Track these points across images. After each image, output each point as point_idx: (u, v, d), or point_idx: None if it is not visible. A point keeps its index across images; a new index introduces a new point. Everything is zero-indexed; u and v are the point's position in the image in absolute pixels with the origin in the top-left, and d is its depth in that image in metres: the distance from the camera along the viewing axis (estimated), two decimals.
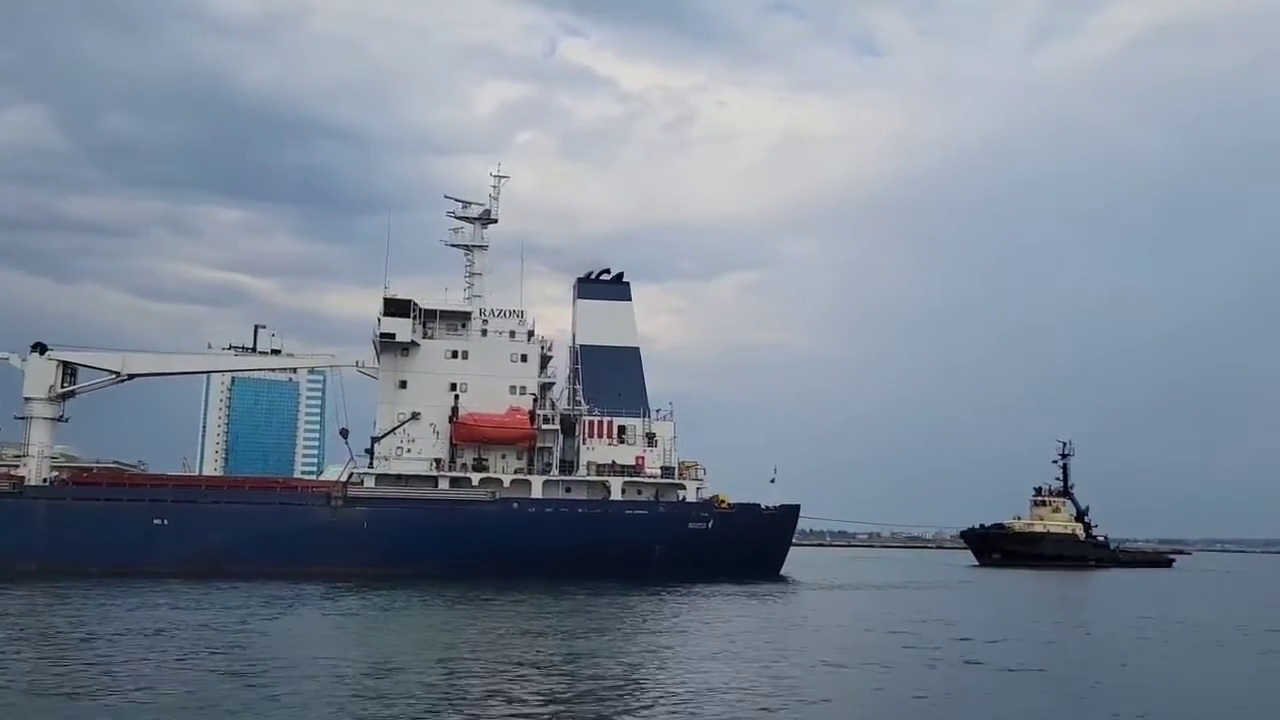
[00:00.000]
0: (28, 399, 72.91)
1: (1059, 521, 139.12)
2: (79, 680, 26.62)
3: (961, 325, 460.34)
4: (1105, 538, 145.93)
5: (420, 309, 78.56)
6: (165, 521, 69.86)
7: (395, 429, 76.33)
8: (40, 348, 73.42)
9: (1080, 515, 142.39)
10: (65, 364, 74.30)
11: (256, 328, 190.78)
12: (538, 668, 30.25)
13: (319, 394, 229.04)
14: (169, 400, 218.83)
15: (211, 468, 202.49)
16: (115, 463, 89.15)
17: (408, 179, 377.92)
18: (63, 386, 73.96)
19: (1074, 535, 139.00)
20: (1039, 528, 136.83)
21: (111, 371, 75.51)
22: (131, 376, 76.17)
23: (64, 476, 73.98)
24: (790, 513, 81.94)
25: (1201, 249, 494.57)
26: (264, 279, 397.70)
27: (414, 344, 77.70)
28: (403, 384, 77.67)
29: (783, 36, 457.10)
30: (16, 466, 73.80)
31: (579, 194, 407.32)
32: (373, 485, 75.07)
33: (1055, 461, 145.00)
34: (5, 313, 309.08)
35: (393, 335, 76.69)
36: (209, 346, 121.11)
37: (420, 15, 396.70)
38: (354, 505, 72.84)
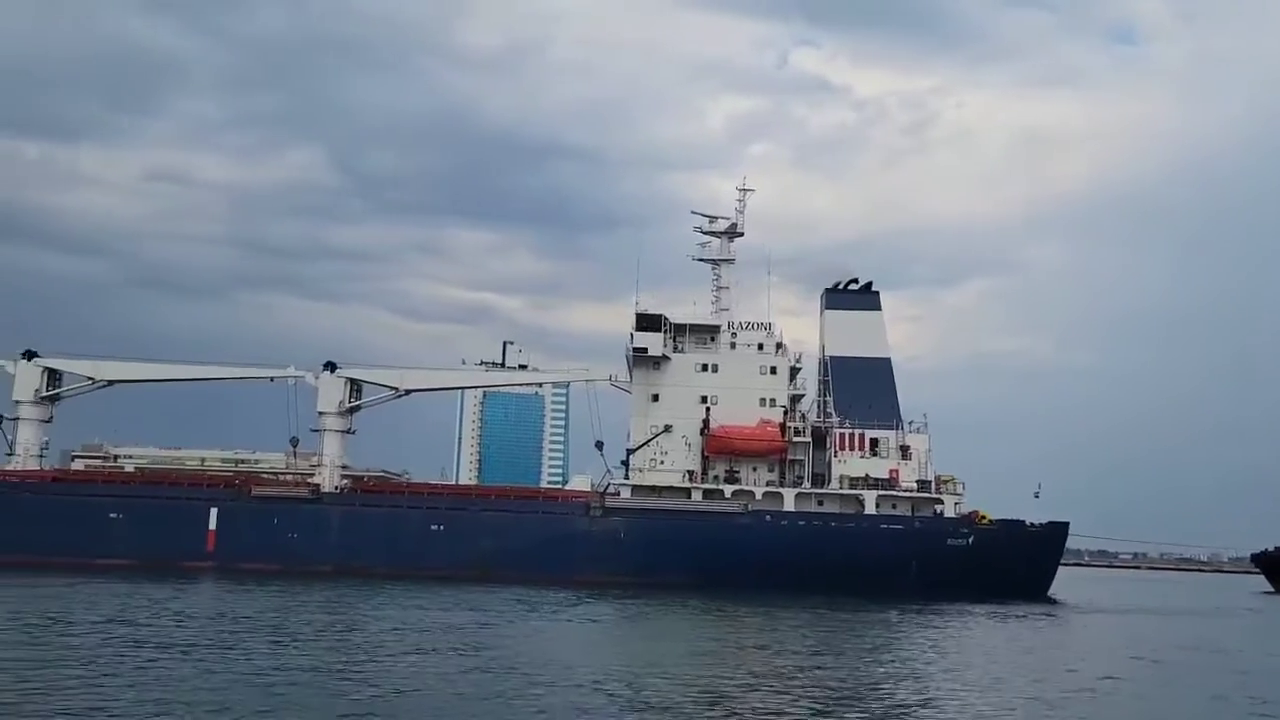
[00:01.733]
0: (321, 413, 79.90)
1: None
2: (355, 676, 28.88)
3: (1232, 326, 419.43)
4: None
5: (670, 323, 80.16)
6: (441, 528, 74.67)
7: (649, 441, 78.14)
8: (331, 366, 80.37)
9: None
10: (352, 381, 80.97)
11: (505, 344, 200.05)
12: (788, 682, 29.84)
13: (563, 407, 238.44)
14: (426, 413, 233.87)
15: (467, 477, 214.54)
16: (384, 472, 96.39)
17: (643, 196, 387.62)
18: (350, 401, 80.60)
19: None
20: None
21: (391, 387, 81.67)
22: (408, 392, 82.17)
23: (353, 485, 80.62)
24: (1058, 531, 77.50)
25: None
26: (510, 297, 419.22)
27: (665, 358, 79.37)
28: (655, 397, 79.44)
29: (1027, 31, 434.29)
30: (312, 475, 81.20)
31: (812, 204, 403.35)
32: (628, 496, 77.14)
33: None
34: (290, 334, 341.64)
35: (645, 349, 78.62)
36: (462, 362, 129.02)
37: (653, 35, 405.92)
38: (611, 515, 75.16)
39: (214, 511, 74.50)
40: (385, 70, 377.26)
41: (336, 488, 78.80)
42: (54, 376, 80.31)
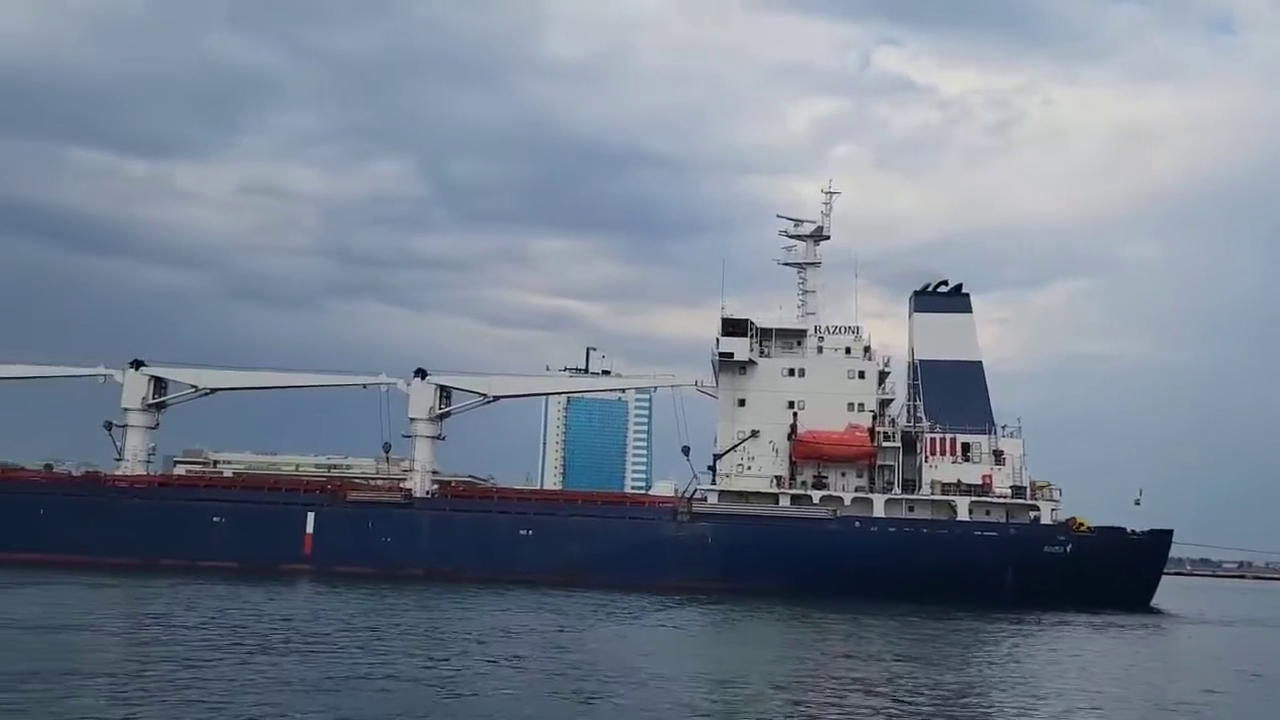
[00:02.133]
0: (412, 419, 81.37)
1: None
2: (439, 679, 29.24)
3: None
4: None
5: (757, 328, 79.72)
6: (530, 533, 75.42)
7: (735, 446, 77.78)
8: (421, 373, 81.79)
9: None
10: (442, 387, 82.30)
11: (588, 350, 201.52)
12: (875, 692, 29.31)
13: (646, 412, 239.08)
14: (511, 419, 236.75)
15: (551, 482, 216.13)
16: (470, 477, 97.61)
17: (726, 200, 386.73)
18: (440, 408, 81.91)
19: None
20: None
21: (480, 394, 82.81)
22: (497, 398, 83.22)
23: (443, 490, 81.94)
24: (1161, 539, 74.91)
25: None
26: (592, 303, 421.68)
27: (751, 362, 78.95)
28: (741, 402, 79.03)
29: (1121, 26, 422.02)
30: (404, 480, 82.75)
31: (895, 205, 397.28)
32: (715, 502, 76.88)
33: None
34: (377, 342, 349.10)
35: (731, 354, 78.32)
36: (546, 369, 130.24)
37: (734, 40, 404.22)
38: (698, 521, 75.02)
39: (311, 516, 76.42)
40: (470, 82, 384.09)
41: (428, 493, 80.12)
42: (160, 385, 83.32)
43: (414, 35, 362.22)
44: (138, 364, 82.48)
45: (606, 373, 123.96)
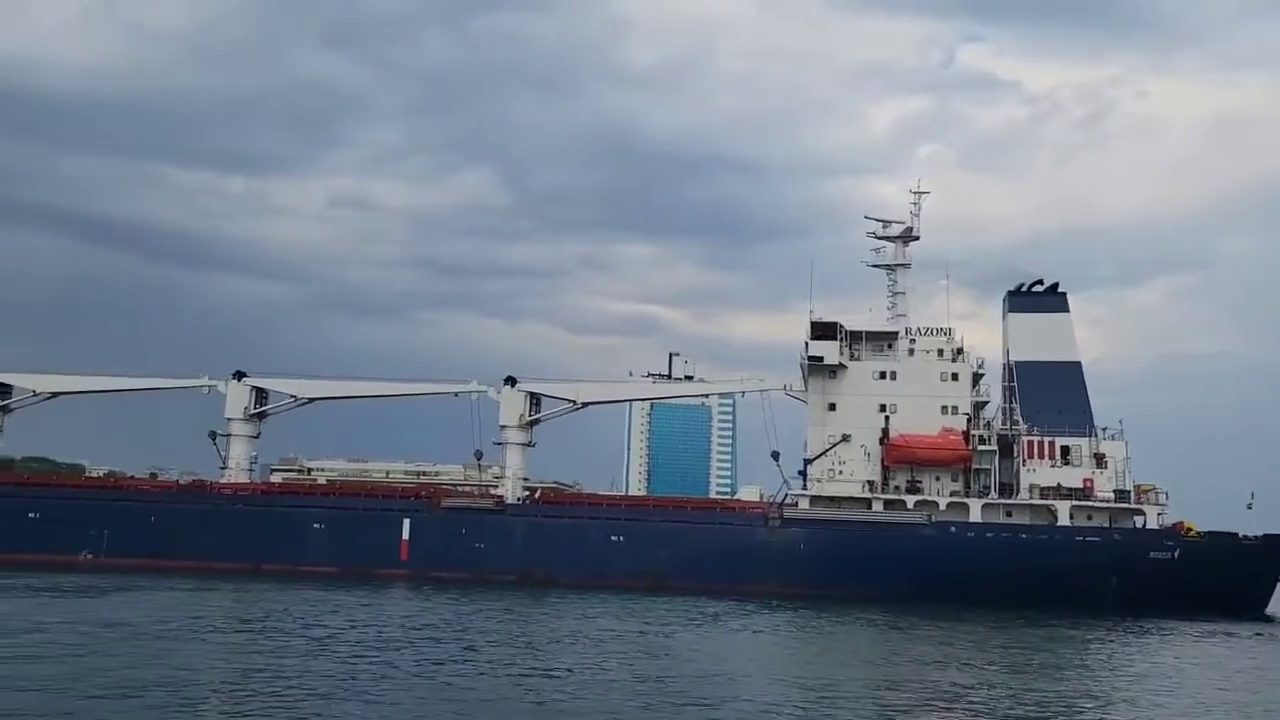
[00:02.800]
0: (503, 426, 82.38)
1: None
2: (532, 683, 29.49)
3: None
4: None
5: (846, 331, 78.92)
6: (621, 539, 75.72)
7: (826, 451, 77.06)
8: (511, 380, 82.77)
9: None
10: (531, 394, 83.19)
11: (670, 355, 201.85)
12: (971, 701, 28.69)
13: (730, 417, 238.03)
14: (595, 424, 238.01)
15: (635, 488, 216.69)
16: (557, 483, 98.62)
17: (807, 204, 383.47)
18: (530, 414, 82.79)
19: None
20: None
21: (569, 400, 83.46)
22: (586, 404, 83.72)
23: (535, 496, 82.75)
24: (1276, 543, 71.86)
25: None
26: (674, 309, 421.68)
27: (842, 366, 78.16)
28: (832, 406, 78.27)
29: (1215, 12, 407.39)
30: (496, 486, 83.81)
31: (981, 205, 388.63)
32: (806, 507, 76.25)
33: None
34: (464, 350, 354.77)
35: (820, 358, 77.65)
36: (629, 374, 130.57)
37: (814, 42, 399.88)
38: (789, 526, 74.51)
39: (407, 522, 77.84)
40: (551, 92, 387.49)
41: (519, 499, 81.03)
42: (261, 395, 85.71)
43: (494, 48, 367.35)
44: (240, 375, 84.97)
45: (689, 378, 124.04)
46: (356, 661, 32.48)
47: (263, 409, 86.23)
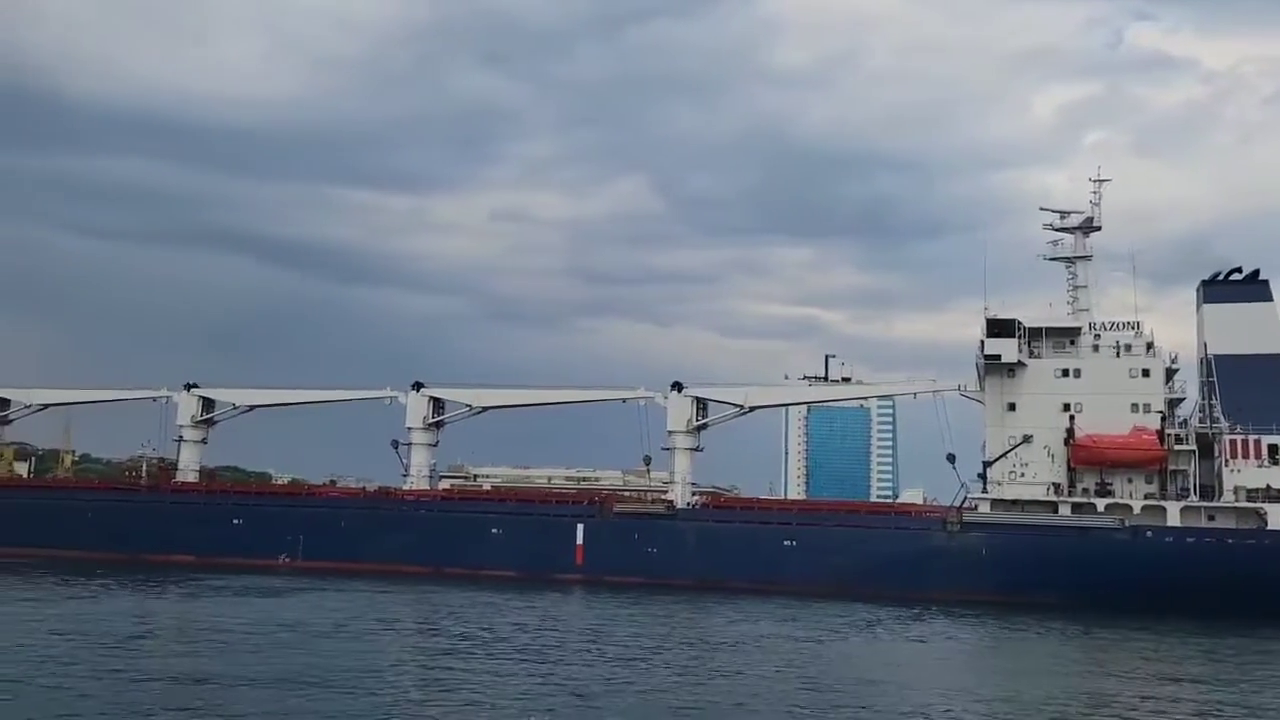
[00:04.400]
0: (670, 431, 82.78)
1: None
2: (701, 688, 29.24)
3: None
4: None
5: (1024, 328, 75.86)
6: (794, 543, 74.93)
7: (1007, 453, 74.27)
8: (678, 386, 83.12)
9: None
10: (698, 399, 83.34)
11: (827, 357, 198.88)
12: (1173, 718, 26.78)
13: (889, 419, 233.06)
14: (749, 428, 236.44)
15: (794, 492, 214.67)
16: (714, 487, 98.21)
17: (969, 198, 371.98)
18: (697, 419, 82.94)
19: None
20: None
21: (736, 405, 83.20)
22: (753, 409, 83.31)
23: (705, 501, 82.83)
24: None
25: None
26: (832, 310, 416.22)
27: (1020, 364, 75.18)
28: (1011, 406, 75.36)
29: None
30: (665, 492, 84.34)
31: (1157, 191, 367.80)
32: (987, 510, 73.66)
33: None
34: (622, 356, 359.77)
35: (998, 356, 74.89)
36: (785, 378, 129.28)
37: (970, 31, 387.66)
38: (970, 531, 72.12)
39: (580, 528, 79.13)
40: (702, 96, 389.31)
41: (689, 504, 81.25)
42: (438, 405, 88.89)
43: (643, 57, 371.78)
44: (418, 386, 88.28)
45: (847, 380, 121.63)
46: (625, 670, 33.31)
47: (439, 418, 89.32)
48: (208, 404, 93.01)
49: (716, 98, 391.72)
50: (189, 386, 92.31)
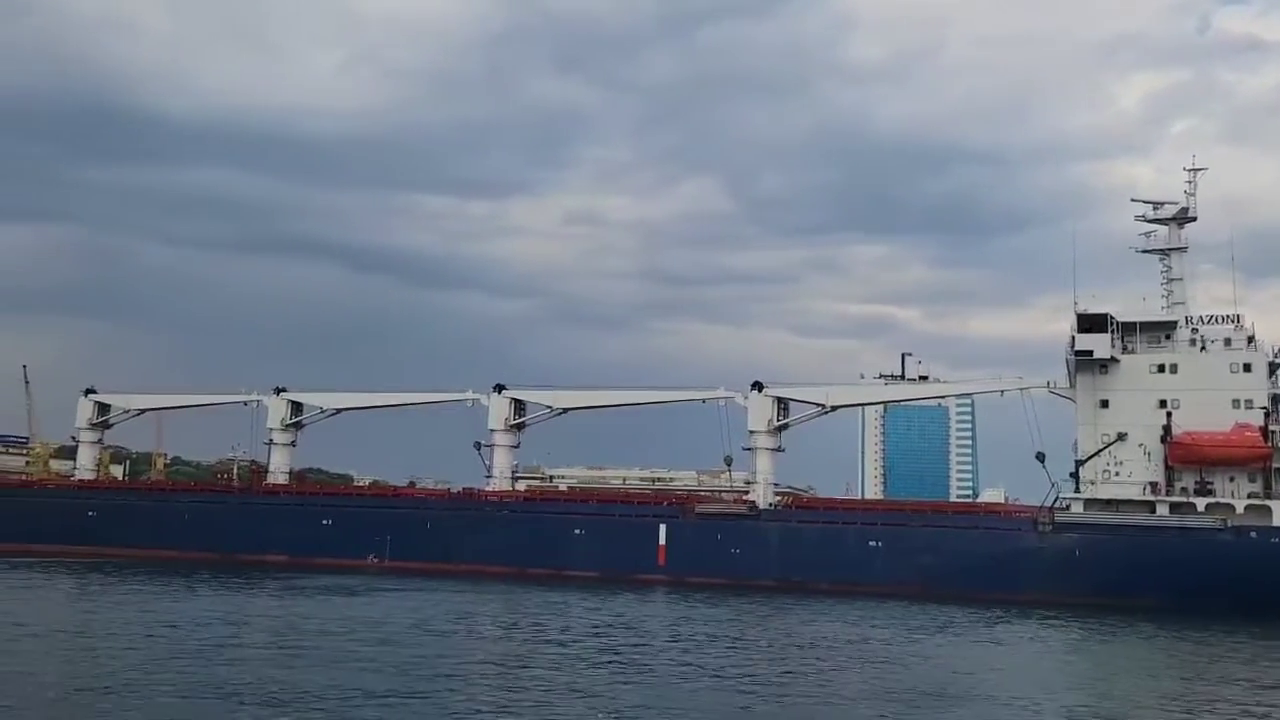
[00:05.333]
0: (752, 432, 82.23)
1: None
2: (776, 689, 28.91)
3: None
4: None
5: (1117, 322, 73.75)
6: (879, 544, 73.90)
7: (1100, 451, 72.29)
8: (758, 385, 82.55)
9: None
10: (779, 399, 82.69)
11: (903, 356, 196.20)
12: None
13: (969, 417, 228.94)
14: (825, 428, 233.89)
15: (872, 492, 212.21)
16: (790, 488, 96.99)
17: (1052, 191, 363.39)
18: (778, 419, 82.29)
19: None
20: None
21: (817, 404, 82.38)
22: (835, 408, 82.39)
23: (786, 501, 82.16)
24: None
25: None
26: (906, 308, 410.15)
27: (1113, 360, 73.12)
28: (1104, 403, 73.35)
29: None
30: (747, 492, 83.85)
31: (1249, 179, 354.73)
32: (1080, 511, 71.77)
33: None
34: (694, 357, 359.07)
35: (1090, 352, 72.90)
36: (860, 377, 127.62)
37: (1054, 21, 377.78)
38: (1062, 532, 70.36)
39: (662, 528, 79.08)
40: (775, 95, 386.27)
41: (771, 504, 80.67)
42: (519, 406, 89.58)
43: (715, 57, 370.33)
44: (500, 388, 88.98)
45: (924, 378, 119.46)
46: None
47: (521, 420, 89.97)
48: (296, 408, 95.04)
49: (789, 96, 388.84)
50: (278, 391, 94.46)
